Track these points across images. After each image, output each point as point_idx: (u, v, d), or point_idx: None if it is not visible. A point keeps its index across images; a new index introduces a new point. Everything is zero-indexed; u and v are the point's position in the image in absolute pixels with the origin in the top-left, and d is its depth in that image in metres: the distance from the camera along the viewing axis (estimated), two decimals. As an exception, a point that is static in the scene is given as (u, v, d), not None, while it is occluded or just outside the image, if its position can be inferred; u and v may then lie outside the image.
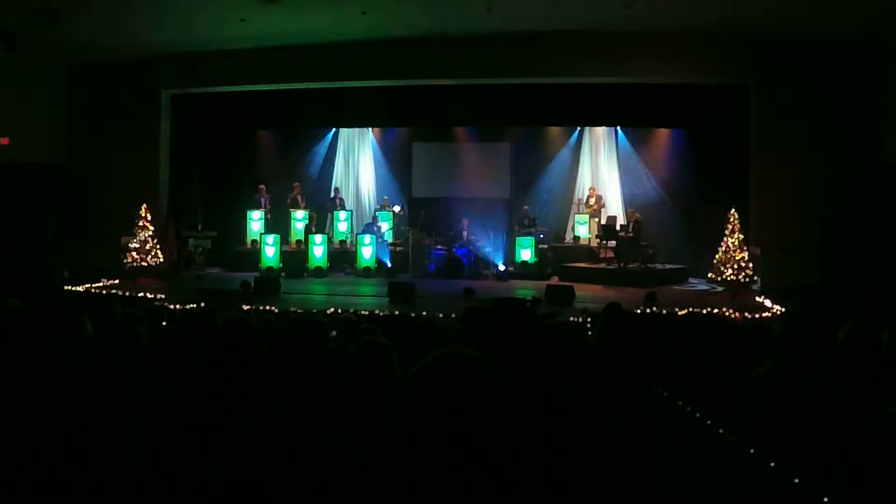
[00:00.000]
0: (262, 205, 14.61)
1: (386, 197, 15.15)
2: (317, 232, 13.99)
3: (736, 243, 11.47)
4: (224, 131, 14.89)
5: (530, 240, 13.77)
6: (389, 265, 13.75)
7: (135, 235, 12.91)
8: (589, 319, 8.56)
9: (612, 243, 13.46)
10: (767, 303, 10.50)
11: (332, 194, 15.26)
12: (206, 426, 2.36)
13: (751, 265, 11.41)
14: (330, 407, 1.90)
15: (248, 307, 9.64)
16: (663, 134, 14.55)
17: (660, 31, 11.89)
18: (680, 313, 9.59)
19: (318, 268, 13.52)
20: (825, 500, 2.55)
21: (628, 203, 14.52)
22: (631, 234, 13.16)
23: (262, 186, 14.75)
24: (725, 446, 3.31)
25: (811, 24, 11.09)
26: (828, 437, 3.11)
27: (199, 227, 13.91)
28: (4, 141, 12.81)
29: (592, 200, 14.49)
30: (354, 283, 13.10)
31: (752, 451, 3.09)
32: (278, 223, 14.55)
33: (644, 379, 4.13)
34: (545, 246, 14.09)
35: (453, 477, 1.37)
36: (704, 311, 9.60)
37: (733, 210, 11.63)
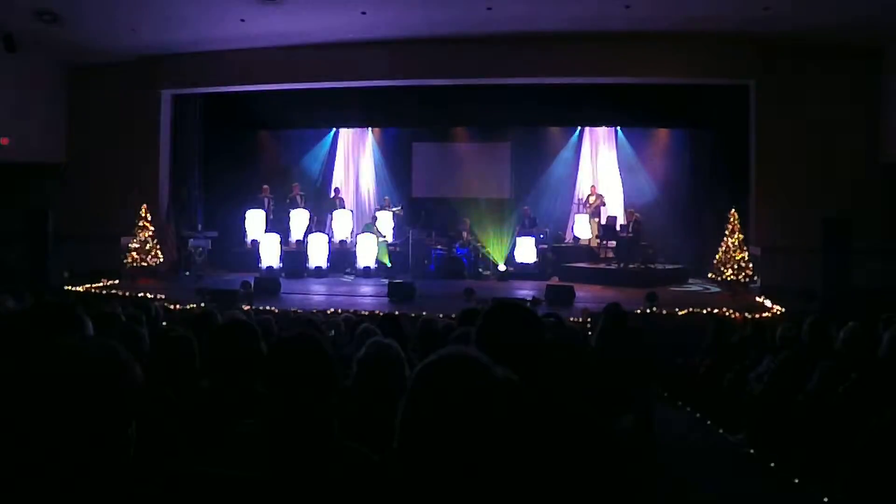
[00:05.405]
0: (266, 205, 14.59)
1: (386, 197, 15.14)
2: (317, 232, 13.99)
3: (736, 243, 11.46)
4: (224, 131, 14.88)
5: (530, 240, 13.76)
6: (389, 265, 13.75)
7: (135, 235, 12.91)
8: (589, 319, 8.56)
9: (612, 243, 13.46)
10: (767, 303, 10.50)
11: (332, 194, 15.25)
12: (206, 426, 2.36)
13: (751, 265, 11.40)
14: (331, 407, 1.90)
15: (248, 307, 9.64)
16: (663, 134, 14.56)
17: (659, 31, 11.89)
18: (680, 313, 9.58)
19: (318, 268, 13.52)
20: (825, 500, 2.55)
21: (628, 203, 14.51)
22: (631, 234, 13.16)
23: (266, 187, 14.73)
24: (725, 446, 3.32)
25: (811, 24, 11.09)
26: (827, 438, 3.11)
27: (199, 227, 13.90)
28: (4, 141, 12.81)
29: (593, 199, 14.49)
30: (354, 283, 13.10)
31: (751, 451, 3.10)
32: (278, 223, 14.54)
33: (644, 379, 4.13)
34: (545, 246, 14.09)
35: (456, 478, 1.37)
36: (704, 311, 9.60)
37: (733, 210, 11.62)
